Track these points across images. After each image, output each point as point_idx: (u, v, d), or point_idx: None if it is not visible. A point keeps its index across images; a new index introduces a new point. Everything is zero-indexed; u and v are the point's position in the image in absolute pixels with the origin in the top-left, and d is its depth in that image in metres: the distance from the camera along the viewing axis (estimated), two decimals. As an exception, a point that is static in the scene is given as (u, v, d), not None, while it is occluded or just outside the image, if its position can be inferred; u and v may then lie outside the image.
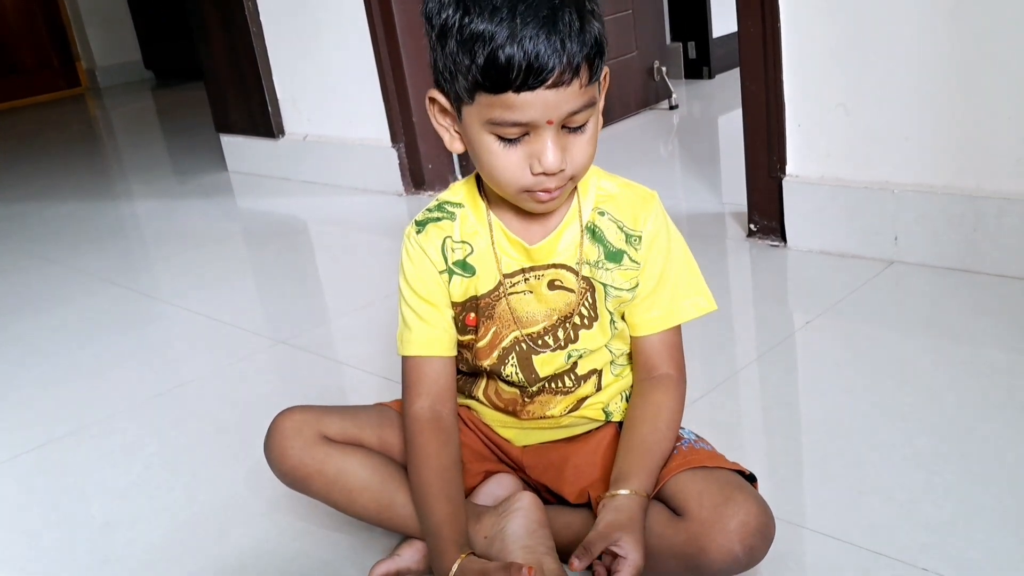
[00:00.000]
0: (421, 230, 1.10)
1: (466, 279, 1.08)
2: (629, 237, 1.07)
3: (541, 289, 1.08)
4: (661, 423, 1.06)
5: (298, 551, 1.21)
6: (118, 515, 1.36)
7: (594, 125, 0.97)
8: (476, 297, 1.09)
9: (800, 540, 1.10)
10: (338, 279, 2.32)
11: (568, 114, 0.92)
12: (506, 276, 1.08)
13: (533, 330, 1.09)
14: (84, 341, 2.05)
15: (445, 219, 1.09)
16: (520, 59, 0.87)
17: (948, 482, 1.17)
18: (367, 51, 2.80)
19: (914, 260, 1.81)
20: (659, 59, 3.60)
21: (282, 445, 1.11)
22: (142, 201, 3.35)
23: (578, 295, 1.07)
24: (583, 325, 1.09)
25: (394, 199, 2.84)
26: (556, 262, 1.07)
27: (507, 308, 1.09)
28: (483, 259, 1.08)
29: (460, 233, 1.08)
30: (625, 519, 0.97)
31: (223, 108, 3.45)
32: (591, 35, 0.90)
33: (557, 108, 0.91)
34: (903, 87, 1.75)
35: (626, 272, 1.07)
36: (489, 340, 1.11)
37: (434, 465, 1.06)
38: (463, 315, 1.10)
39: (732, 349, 1.63)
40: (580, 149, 0.96)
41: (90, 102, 6.39)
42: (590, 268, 1.07)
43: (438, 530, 1.03)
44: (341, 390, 1.68)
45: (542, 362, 1.10)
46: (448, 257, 1.08)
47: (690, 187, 2.57)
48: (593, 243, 1.07)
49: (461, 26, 0.89)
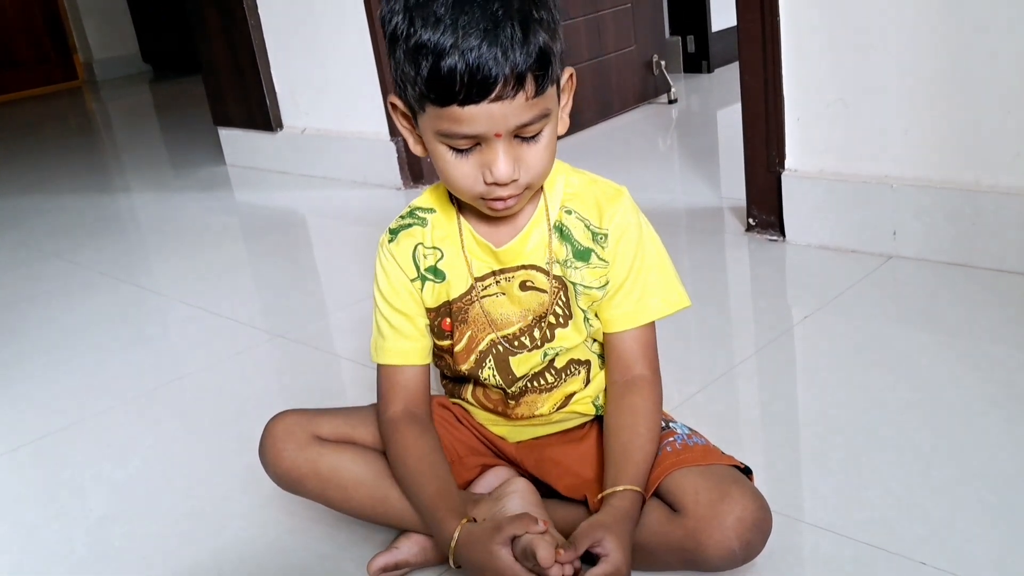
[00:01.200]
0: (393, 239, 1.10)
1: (437, 284, 1.09)
2: (595, 235, 1.06)
3: (513, 290, 1.07)
4: (641, 427, 1.05)
5: (296, 545, 1.21)
6: (116, 508, 1.36)
7: (550, 133, 0.96)
8: (449, 302, 1.09)
9: (798, 533, 1.10)
10: (336, 273, 2.32)
11: (517, 127, 0.91)
12: (477, 279, 1.07)
13: (509, 331, 1.09)
14: (81, 334, 2.05)
15: (416, 225, 1.09)
16: (462, 70, 0.86)
17: (946, 476, 1.17)
18: (365, 44, 2.80)
19: (912, 254, 1.81)
20: (658, 53, 3.60)
21: (275, 448, 1.11)
22: (140, 194, 3.34)
23: (551, 294, 1.07)
24: (559, 324, 1.08)
25: (392, 192, 2.84)
26: (525, 263, 1.06)
27: (481, 311, 1.08)
28: (453, 264, 1.08)
29: (431, 239, 1.08)
30: (611, 519, 0.97)
31: (221, 101, 3.44)
32: (535, 46, 0.88)
33: (505, 121, 0.90)
34: (902, 82, 1.75)
35: (595, 270, 1.06)
36: (465, 344, 1.10)
37: (415, 452, 1.07)
38: (438, 320, 1.10)
39: (730, 343, 1.63)
40: (535, 157, 0.95)
41: (87, 95, 6.38)
42: (560, 267, 1.06)
43: (432, 505, 1.03)
44: (339, 384, 1.68)
45: (518, 363, 1.10)
46: (420, 264, 1.09)
47: (689, 181, 2.57)
48: (561, 242, 1.06)
49: (408, 35, 0.88)
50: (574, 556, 0.94)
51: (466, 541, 0.98)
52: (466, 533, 0.99)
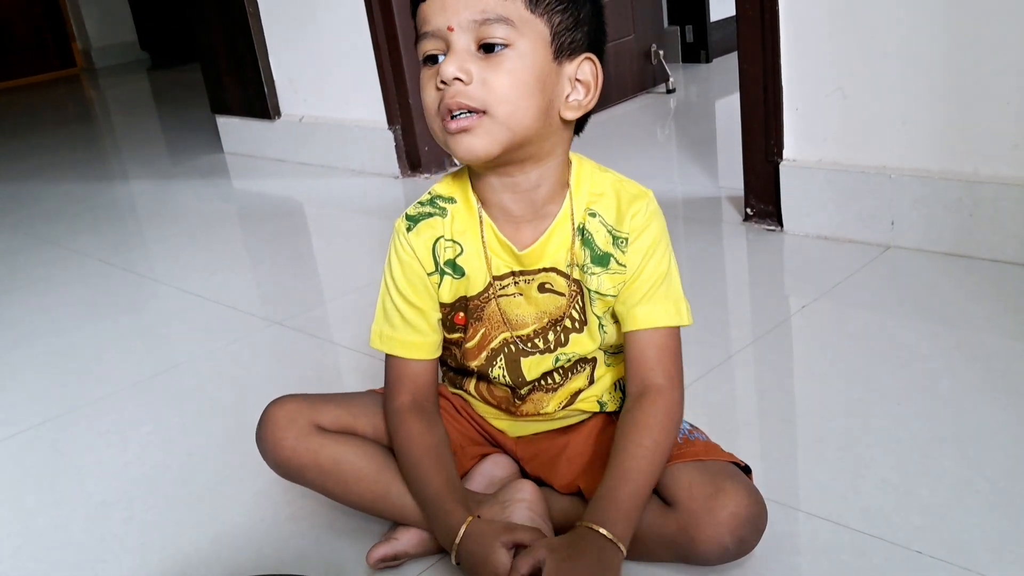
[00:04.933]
0: (412, 227, 1.06)
1: (456, 280, 1.06)
2: (616, 239, 1.03)
3: (532, 292, 1.06)
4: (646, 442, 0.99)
5: (294, 532, 1.21)
6: (114, 494, 1.36)
7: (517, 60, 0.93)
8: (466, 298, 1.07)
9: (794, 522, 1.10)
10: (333, 261, 2.32)
11: (471, 21, 0.91)
12: (496, 279, 1.05)
13: (523, 332, 1.08)
14: (80, 321, 2.05)
15: (437, 216, 1.06)
16: None
17: (943, 466, 1.17)
18: (364, 32, 2.79)
19: (910, 245, 1.81)
20: (656, 42, 3.59)
21: (275, 436, 1.10)
22: (137, 182, 3.34)
23: (568, 298, 1.05)
24: (574, 329, 1.07)
25: (390, 181, 2.84)
26: (546, 266, 1.04)
27: (497, 310, 1.07)
28: (473, 260, 1.05)
29: (451, 231, 1.05)
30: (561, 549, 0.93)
31: (219, 89, 3.43)
32: None
33: (456, 13, 0.91)
34: (901, 71, 1.75)
35: (613, 276, 1.04)
36: (478, 341, 1.09)
37: (422, 444, 1.06)
38: (452, 314, 1.09)
39: (727, 333, 1.63)
40: (496, 78, 0.92)
41: (85, 83, 6.37)
42: (579, 271, 1.04)
43: (439, 496, 1.02)
44: (336, 371, 1.68)
45: (530, 365, 1.08)
46: (439, 257, 1.05)
47: (686, 171, 2.57)
48: (582, 246, 1.04)
49: None
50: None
51: (472, 534, 0.97)
52: (474, 526, 0.98)
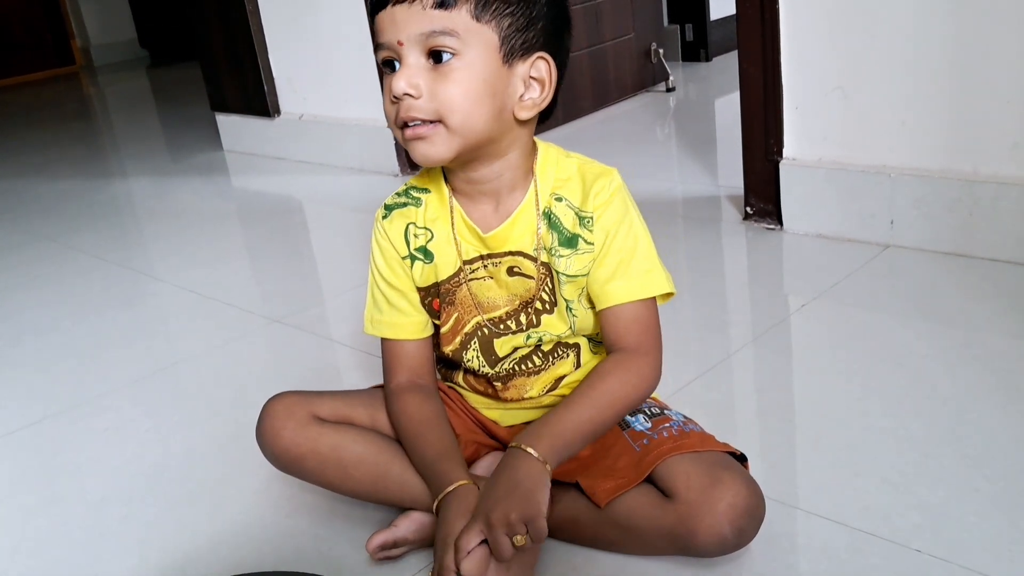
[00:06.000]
0: (387, 215, 1.12)
1: (426, 265, 1.10)
2: (582, 219, 1.05)
3: (500, 275, 1.08)
4: (591, 390, 1.04)
5: (293, 527, 1.21)
6: (113, 492, 1.36)
7: (465, 69, 0.94)
8: (437, 283, 1.11)
9: (793, 520, 1.11)
10: (332, 258, 2.32)
11: (419, 35, 0.93)
12: (466, 263, 1.09)
13: (495, 315, 1.10)
14: (78, 318, 2.04)
15: (410, 205, 1.11)
16: None
17: (941, 465, 1.17)
18: (363, 30, 2.79)
19: (910, 244, 1.81)
20: (656, 41, 3.59)
21: (274, 427, 1.12)
22: (136, 179, 3.34)
23: (537, 281, 1.07)
24: (544, 310, 1.09)
25: (389, 179, 2.83)
26: (512, 249, 1.07)
27: (468, 294, 1.10)
28: (442, 245, 1.09)
29: (423, 219, 1.10)
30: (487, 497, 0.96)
31: (218, 87, 3.43)
32: None
33: (405, 27, 0.93)
34: (901, 71, 1.75)
35: (582, 256, 1.05)
36: (451, 326, 1.12)
37: (421, 414, 1.09)
38: (428, 300, 1.12)
39: (726, 331, 1.63)
40: (446, 88, 0.94)
41: (84, 80, 6.36)
42: (547, 254, 1.06)
43: (438, 458, 1.04)
44: (335, 369, 1.68)
45: (501, 344, 1.11)
46: (411, 243, 1.10)
47: (686, 170, 2.57)
48: (549, 230, 1.06)
49: None
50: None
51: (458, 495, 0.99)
52: (465, 491, 0.99)
